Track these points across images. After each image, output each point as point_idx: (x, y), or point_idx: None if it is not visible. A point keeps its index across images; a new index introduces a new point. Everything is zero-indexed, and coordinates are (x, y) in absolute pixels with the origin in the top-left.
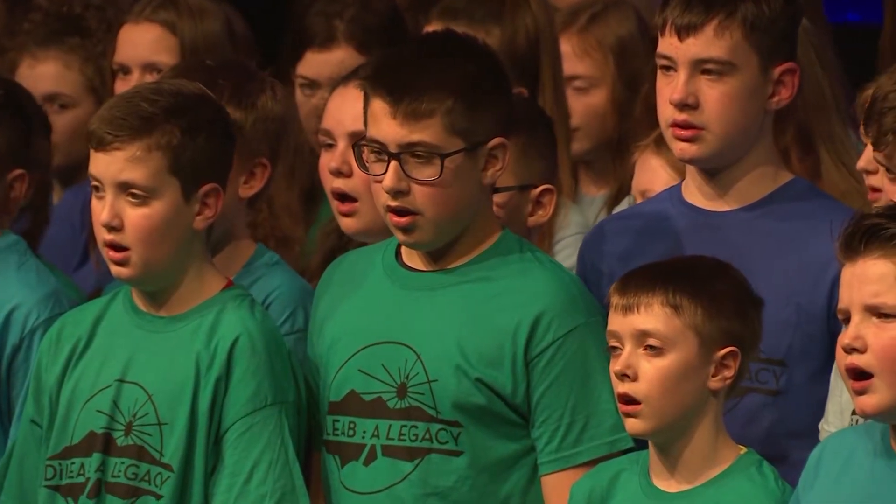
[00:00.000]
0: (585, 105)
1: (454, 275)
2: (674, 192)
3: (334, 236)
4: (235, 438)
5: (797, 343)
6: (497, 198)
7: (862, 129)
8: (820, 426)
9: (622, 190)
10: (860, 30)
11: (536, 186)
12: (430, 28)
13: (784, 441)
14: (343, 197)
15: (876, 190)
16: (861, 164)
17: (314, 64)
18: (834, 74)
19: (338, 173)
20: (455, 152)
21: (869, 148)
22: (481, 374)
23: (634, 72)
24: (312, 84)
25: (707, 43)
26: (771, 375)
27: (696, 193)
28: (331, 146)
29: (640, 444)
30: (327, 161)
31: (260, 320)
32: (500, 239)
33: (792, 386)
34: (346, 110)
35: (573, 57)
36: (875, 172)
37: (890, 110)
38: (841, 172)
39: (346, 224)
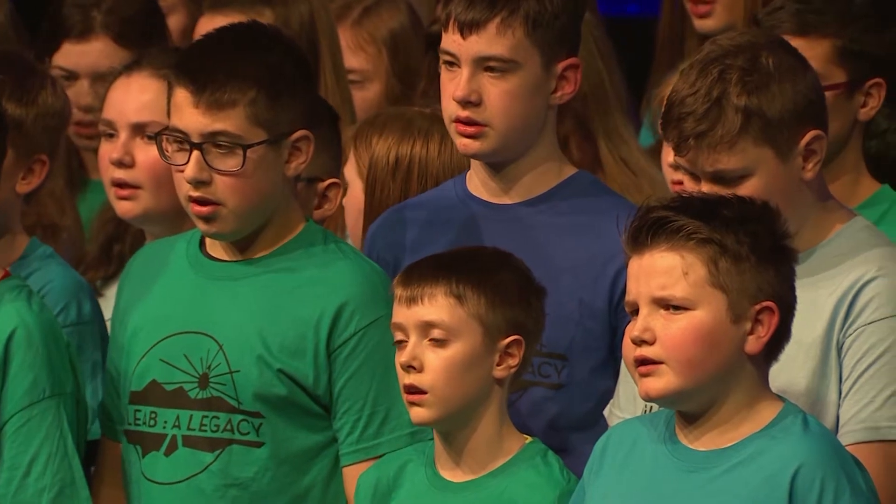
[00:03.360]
0: (360, 99)
1: (257, 265)
2: (459, 183)
3: (111, 225)
4: (14, 432)
5: (579, 337)
6: None
7: (661, 131)
8: (609, 411)
9: None
10: (639, 22)
11: (323, 180)
12: (205, 17)
13: (567, 433)
14: (123, 186)
15: (678, 183)
16: (669, 159)
17: (72, 55)
18: (613, 67)
19: (119, 164)
20: (258, 143)
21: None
22: (283, 364)
23: (408, 66)
24: (70, 75)
25: (490, 41)
26: (553, 369)
27: (479, 187)
28: (111, 136)
29: None
30: (108, 151)
31: (37, 312)
32: (305, 230)
33: (574, 379)
34: (128, 101)
35: (347, 51)
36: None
37: (689, 115)
38: (619, 166)
39: (123, 208)
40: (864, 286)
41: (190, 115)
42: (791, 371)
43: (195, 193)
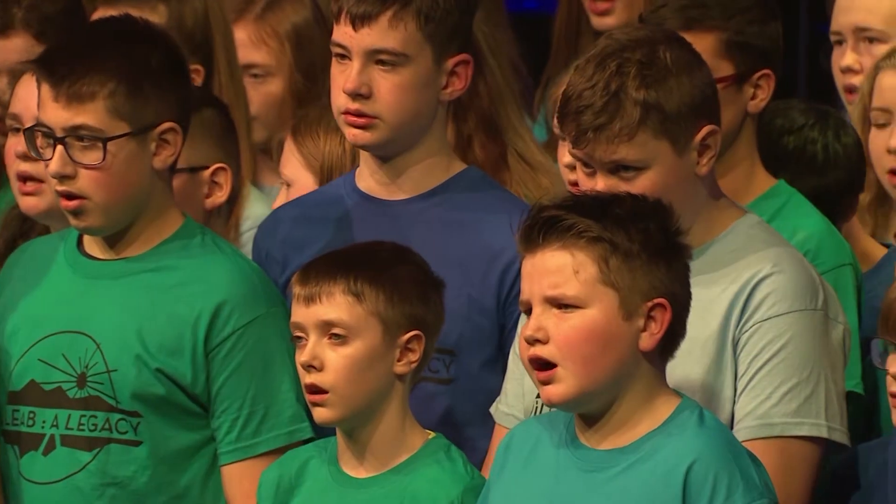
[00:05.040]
0: (263, 94)
1: (135, 263)
2: (348, 180)
3: (16, 223)
4: None
5: (467, 333)
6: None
7: (557, 125)
8: (495, 408)
9: None
10: (537, 18)
11: (207, 167)
12: (99, 13)
13: (460, 429)
14: (28, 180)
15: (574, 184)
16: (566, 160)
17: None
18: (510, 64)
19: (24, 157)
20: (119, 136)
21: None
22: (161, 363)
23: (312, 60)
24: None
25: (381, 34)
26: (442, 364)
27: (369, 181)
28: (18, 130)
29: (319, 433)
30: (13, 144)
31: None
32: (182, 227)
33: (462, 375)
34: (34, 96)
35: (249, 45)
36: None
37: (587, 108)
38: (517, 162)
39: (27, 204)
40: (759, 283)
41: (52, 110)
42: (686, 367)
43: (61, 188)
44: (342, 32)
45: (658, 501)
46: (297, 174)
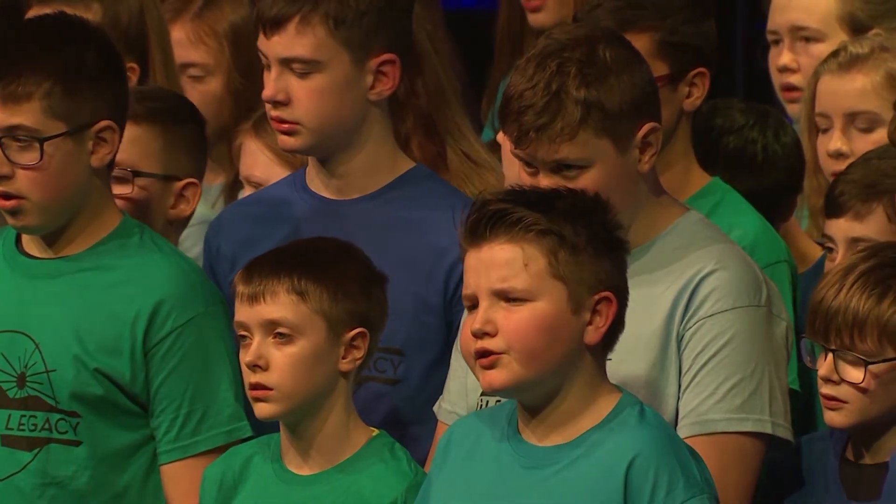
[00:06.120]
0: (201, 93)
1: (73, 263)
2: (297, 178)
3: None
4: None
5: (415, 332)
6: (139, 182)
7: (500, 125)
8: (439, 406)
9: (239, 178)
10: (475, 15)
11: (181, 179)
12: (33, 11)
13: (405, 428)
14: None
15: None
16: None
17: None
18: (449, 62)
19: None
20: (56, 136)
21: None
22: (100, 363)
23: (250, 59)
24: None
25: (290, 41)
26: (389, 364)
27: (316, 181)
28: None
29: (259, 432)
30: None
31: None
32: (120, 226)
33: (410, 374)
34: None
35: (188, 44)
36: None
37: (528, 108)
38: (462, 161)
39: None
40: (702, 279)
41: None
42: (631, 364)
43: None
44: (260, 40)
45: (600, 497)
46: (270, 172)
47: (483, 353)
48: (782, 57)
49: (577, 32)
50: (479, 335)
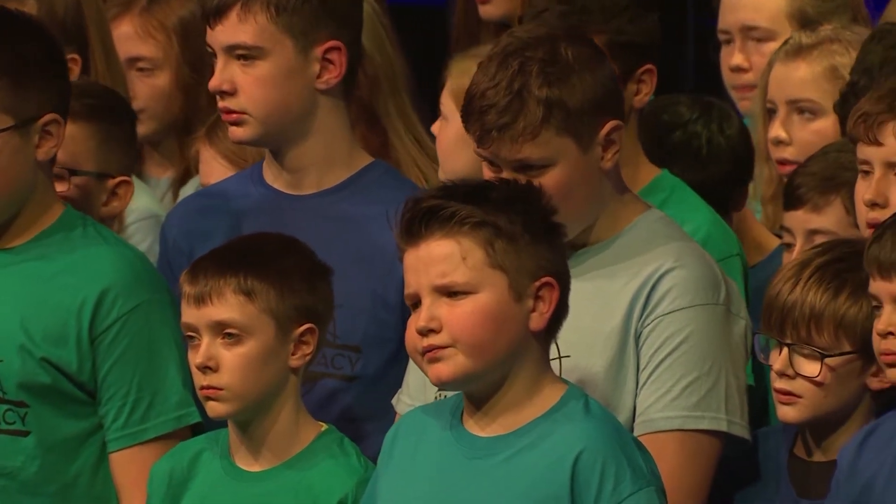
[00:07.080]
0: (150, 87)
1: (16, 254)
2: (254, 172)
3: None
4: None
5: (372, 329)
6: (75, 181)
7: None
8: (397, 399)
9: (188, 172)
10: (424, 10)
11: (114, 177)
12: None
13: (360, 424)
14: None
15: None
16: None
17: None
18: (390, 51)
19: None
20: (3, 130)
21: None
22: (46, 353)
23: (199, 53)
24: None
25: (233, 29)
26: (347, 361)
27: (270, 174)
28: None
29: (207, 419)
30: None
31: None
32: (63, 216)
33: (368, 371)
34: None
35: (136, 38)
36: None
37: (491, 108)
38: (414, 146)
39: None
40: (661, 277)
41: None
42: (589, 360)
43: None
44: (207, 33)
45: (545, 490)
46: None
47: (429, 349)
48: (734, 57)
49: (539, 31)
50: (424, 332)
